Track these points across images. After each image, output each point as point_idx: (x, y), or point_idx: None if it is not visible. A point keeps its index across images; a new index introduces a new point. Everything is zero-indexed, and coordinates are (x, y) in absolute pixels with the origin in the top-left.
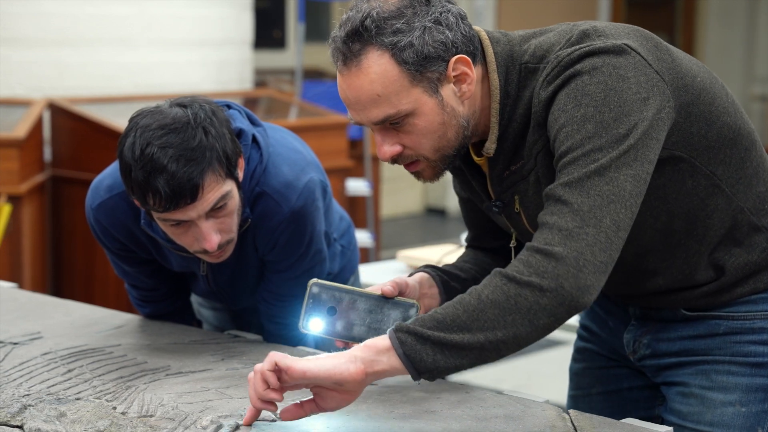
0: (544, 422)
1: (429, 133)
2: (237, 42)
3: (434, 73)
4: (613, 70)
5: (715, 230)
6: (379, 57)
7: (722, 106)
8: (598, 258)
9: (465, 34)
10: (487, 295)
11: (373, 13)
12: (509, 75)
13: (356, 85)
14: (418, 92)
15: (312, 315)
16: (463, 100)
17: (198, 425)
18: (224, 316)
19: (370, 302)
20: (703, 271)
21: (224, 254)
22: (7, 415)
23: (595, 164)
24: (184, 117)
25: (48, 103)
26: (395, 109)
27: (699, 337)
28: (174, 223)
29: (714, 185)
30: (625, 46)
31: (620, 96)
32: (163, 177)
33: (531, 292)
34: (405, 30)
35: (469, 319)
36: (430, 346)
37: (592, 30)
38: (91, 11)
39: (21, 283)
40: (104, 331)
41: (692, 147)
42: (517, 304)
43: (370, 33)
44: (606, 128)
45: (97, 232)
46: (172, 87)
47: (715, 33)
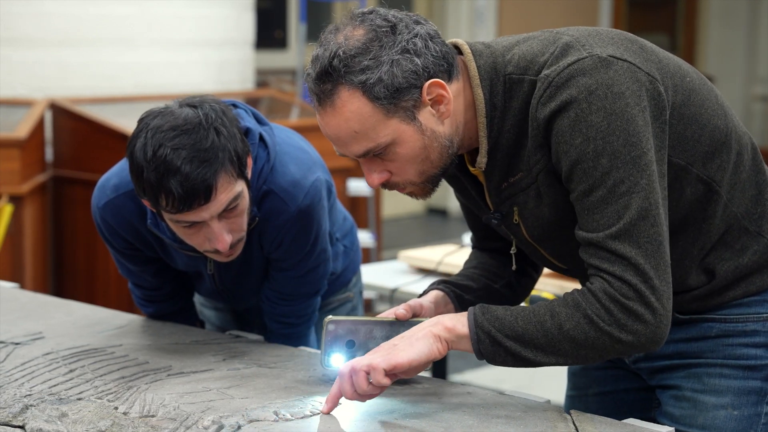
0: (545, 422)
1: (412, 159)
2: (238, 42)
3: (409, 101)
4: (607, 90)
5: (708, 235)
6: (350, 96)
7: (712, 108)
8: (667, 308)
9: (436, 55)
10: (568, 329)
11: (340, 52)
12: (494, 87)
13: (333, 124)
14: (395, 122)
15: (332, 351)
16: (443, 120)
17: (199, 425)
18: (226, 316)
19: (385, 329)
20: (695, 276)
21: (234, 253)
22: (9, 415)
23: (635, 207)
24: (196, 118)
25: (49, 103)
26: (375, 142)
27: (692, 340)
28: (186, 225)
29: (713, 192)
30: (611, 57)
31: (621, 117)
32: (176, 178)
33: (610, 340)
34: (373, 66)
35: (547, 344)
36: (504, 351)
37: (575, 42)
38: (93, 11)
39: (22, 284)
40: (106, 332)
41: (688, 152)
42: (594, 345)
43: (339, 72)
44: (620, 158)
45: (103, 231)
46: (174, 87)
47: (717, 33)
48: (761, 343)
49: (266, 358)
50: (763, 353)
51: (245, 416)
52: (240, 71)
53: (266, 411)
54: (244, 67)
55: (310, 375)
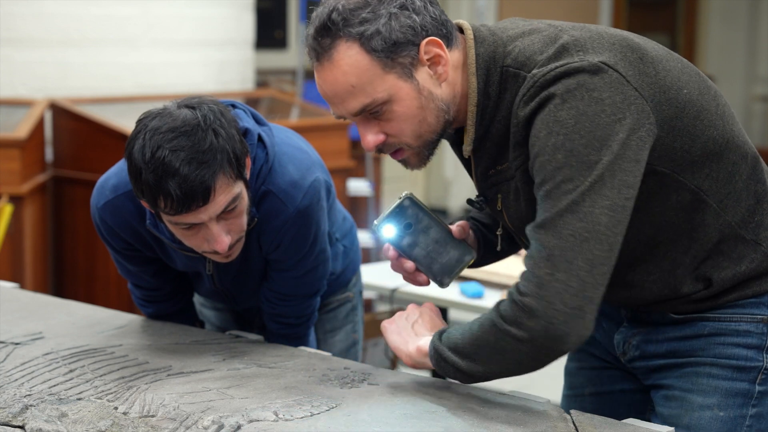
0: (545, 422)
1: (409, 118)
2: (238, 42)
3: (406, 58)
4: (586, 93)
5: (701, 244)
6: (348, 48)
7: (708, 119)
8: (570, 305)
9: (435, 18)
10: (482, 333)
11: (339, 6)
12: (490, 76)
13: (330, 79)
14: (393, 78)
15: (390, 222)
16: (441, 82)
17: (199, 425)
18: (226, 316)
19: (441, 234)
20: (690, 284)
21: (233, 254)
22: (9, 415)
23: (567, 199)
24: (194, 119)
25: (50, 103)
26: (371, 98)
27: (685, 339)
28: (185, 226)
29: (700, 200)
30: (602, 64)
31: (592, 120)
32: (175, 180)
33: (511, 339)
34: (371, 19)
35: (472, 351)
36: (448, 364)
37: (572, 44)
38: (94, 12)
39: (23, 284)
40: (106, 332)
41: (675, 162)
42: (502, 348)
43: (337, 26)
44: (576, 156)
45: (102, 232)
46: (174, 87)
47: (717, 33)
48: (753, 344)
49: (266, 358)
50: (754, 355)
51: (245, 416)
52: (240, 71)
53: (266, 411)
54: (244, 67)
55: (310, 375)
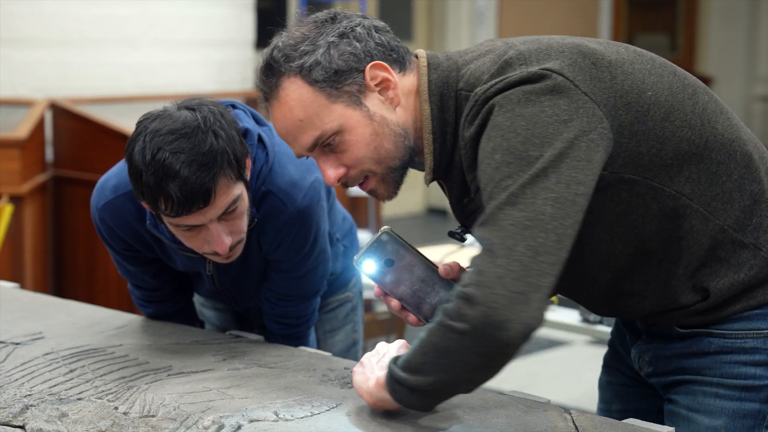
0: (545, 422)
1: (364, 147)
2: (239, 42)
3: (352, 85)
4: (523, 96)
5: (692, 251)
6: (291, 83)
7: (681, 119)
8: (511, 289)
9: (381, 43)
10: (429, 336)
11: (279, 44)
12: (445, 102)
13: (280, 117)
14: (340, 108)
15: (369, 257)
16: (394, 107)
17: (200, 425)
18: (226, 316)
19: (427, 272)
20: (686, 295)
21: (234, 255)
22: (9, 415)
23: (505, 193)
24: (194, 121)
25: (50, 103)
26: (320, 130)
27: (691, 356)
28: (185, 228)
29: (684, 206)
30: (546, 71)
31: (529, 120)
32: (175, 182)
33: (454, 335)
34: (310, 51)
35: (420, 361)
36: (401, 385)
37: (516, 58)
38: (94, 12)
39: (23, 284)
40: (106, 332)
41: (644, 167)
42: (447, 348)
43: (279, 63)
44: (513, 153)
45: (102, 232)
46: (175, 87)
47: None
48: (761, 361)
49: (266, 358)
50: (763, 372)
51: (245, 416)
52: (240, 71)
53: (266, 411)
54: (245, 67)
55: (310, 375)
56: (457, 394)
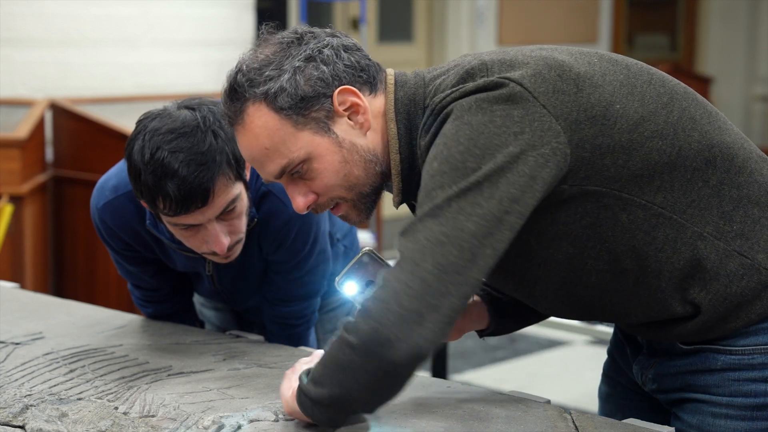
0: (545, 422)
1: (333, 174)
2: (239, 42)
3: (320, 111)
4: (474, 102)
5: (672, 263)
6: (256, 110)
7: (652, 130)
8: (405, 307)
9: (351, 65)
10: (330, 349)
11: (243, 67)
12: (412, 120)
13: (246, 144)
14: (308, 135)
15: (351, 278)
16: (364, 132)
17: (200, 425)
18: (226, 316)
19: None
20: (678, 307)
21: (233, 255)
22: (9, 415)
23: (430, 204)
24: (193, 120)
25: (50, 103)
26: (287, 158)
27: (698, 372)
28: (183, 227)
29: (656, 215)
30: (504, 80)
31: (475, 129)
32: (173, 182)
33: (347, 349)
34: (275, 76)
35: (321, 373)
36: (306, 399)
37: (479, 68)
38: (94, 12)
39: (23, 284)
40: (106, 332)
41: (611, 179)
42: (341, 362)
43: (243, 88)
44: (451, 163)
45: (102, 232)
46: (175, 87)
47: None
48: None
49: (266, 358)
50: None
51: (245, 416)
52: None
53: (266, 411)
54: None
55: None
56: (356, 413)
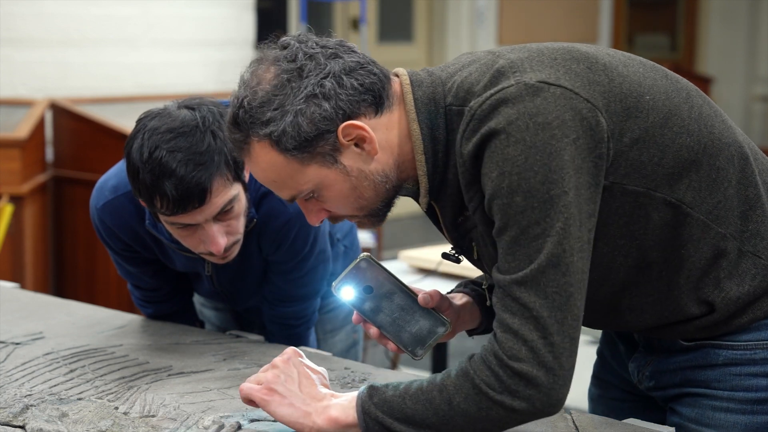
0: (545, 421)
1: (343, 200)
2: (239, 42)
3: (325, 147)
4: (529, 120)
5: (693, 260)
6: (261, 148)
7: (680, 125)
8: (566, 367)
9: (355, 90)
10: (458, 402)
11: (245, 103)
12: (434, 120)
13: (255, 172)
14: (314, 169)
15: (348, 283)
16: (372, 157)
17: (200, 425)
18: (226, 316)
19: (407, 301)
20: (691, 307)
21: (230, 255)
22: (9, 415)
23: (546, 252)
24: (193, 120)
25: (50, 103)
26: (296, 190)
27: (698, 368)
28: (181, 226)
29: (684, 214)
30: (542, 84)
31: (543, 150)
32: (171, 181)
33: (503, 409)
34: (277, 118)
35: (439, 422)
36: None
37: (508, 66)
38: (94, 12)
39: (23, 284)
40: (106, 332)
41: (647, 178)
42: (488, 416)
43: (246, 124)
44: (536, 196)
45: (102, 233)
46: (175, 87)
47: (717, 33)
48: None
49: (266, 358)
50: None
51: (245, 416)
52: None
53: None
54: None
55: None
56: None
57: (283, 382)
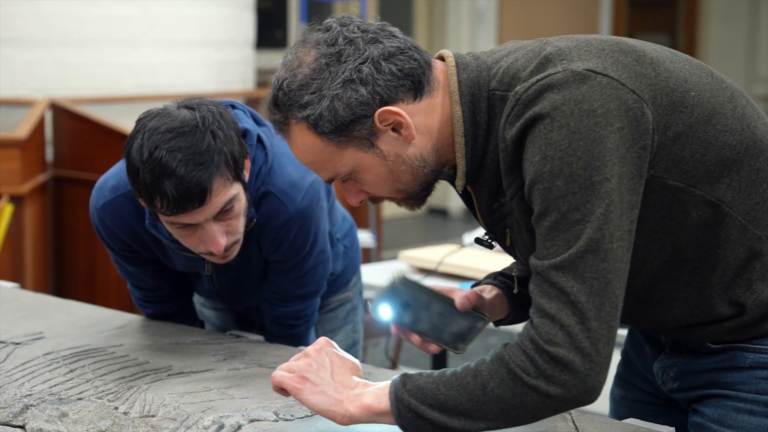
0: (545, 422)
1: (380, 183)
2: (239, 42)
3: (362, 131)
4: (575, 106)
5: (727, 261)
6: (299, 130)
7: (723, 123)
8: (603, 354)
9: (393, 75)
10: (492, 388)
11: (284, 85)
12: (476, 104)
13: (295, 154)
14: (351, 152)
15: (384, 302)
16: (409, 141)
17: (200, 425)
18: (226, 316)
19: (444, 307)
20: (722, 307)
21: (230, 255)
22: (9, 415)
23: (585, 237)
24: (193, 120)
25: (50, 103)
26: (333, 172)
27: (724, 370)
28: (181, 226)
29: (723, 214)
30: (589, 72)
31: (587, 137)
32: (171, 181)
33: (538, 395)
34: (314, 101)
35: (472, 408)
36: (429, 424)
37: (556, 54)
38: (95, 12)
39: (23, 284)
40: (106, 332)
41: (688, 174)
42: (522, 402)
43: (285, 105)
44: (577, 181)
45: (101, 233)
46: (175, 87)
47: (717, 33)
48: None
49: (266, 358)
50: None
51: (245, 416)
52: (240, 71)
53: (266, 411)
54: (245, 67)
55: None
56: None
57: (315, 371)
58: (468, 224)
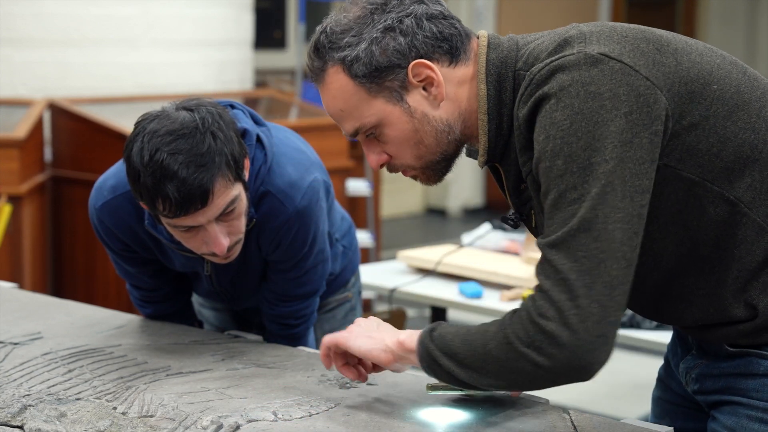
0: (544, 422)
1: (404, 141)
2: (238, 42)
3: (393, 81)
4: (581, 88)
5: (743, 262)
6: (335, 73)
7: (746, 120)
8: (592, 332)
9: (432, 35)
10: (491, 348)
11: (328, 28)
12: (502, 82)
13: (326, 102)
14: (380, 103)
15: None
16: (438, 103)
17: (198, 425)
18: (225, 316)
19: None
20: (736, 308)
21: (232, 255)
22: (8, 415)
23: (578, 216)
24: (192, 122)
25: (48, 103)
26: (360, 122)
27: (740, 376)
28: (183, 228)
29: (741, 214)
30: (602, 56)
31: (589, 118)
32: (173, 183)
33: (528, 363)
34: (354, 43)
35: (475, 364)
36: (441, 369)
37: (576, 37)
38: (94, 12)
39: (21, 284)
40: (105, 332)
41: (703, 168)
42: (516, 367)
43: (325, 49)
44: (576, 161)
45: (100, 233)
46: (174, 87)
47: (716, 33)
48: None
49: (265, 358)
50: None
51: (244, 416)
52: (239, 71)
53: (265, 411)
54: (244, 67)
55: (309, 375)
56: None
57: (363, 324)
58: (467, 224)
